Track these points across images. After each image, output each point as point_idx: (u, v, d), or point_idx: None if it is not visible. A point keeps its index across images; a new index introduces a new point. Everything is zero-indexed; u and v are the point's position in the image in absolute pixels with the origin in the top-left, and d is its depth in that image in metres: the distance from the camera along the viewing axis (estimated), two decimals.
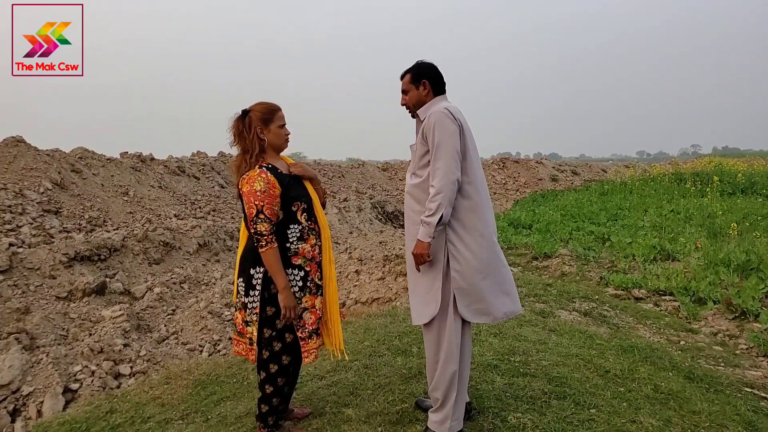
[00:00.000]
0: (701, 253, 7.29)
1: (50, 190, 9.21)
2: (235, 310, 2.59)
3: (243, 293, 2.50)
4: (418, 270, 2.46)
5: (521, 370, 3.21)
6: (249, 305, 2.47)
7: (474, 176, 2.46)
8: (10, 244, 7.50)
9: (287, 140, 2.54)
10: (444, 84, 2.61)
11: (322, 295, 2.56)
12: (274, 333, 2.47)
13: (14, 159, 9.41)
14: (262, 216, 2.30)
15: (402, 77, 2.61)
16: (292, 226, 2.44)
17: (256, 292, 2.44)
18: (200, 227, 10.42)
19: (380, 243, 14.04)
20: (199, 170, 14.30)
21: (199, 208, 12.21)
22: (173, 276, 8.63)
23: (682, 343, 4.34)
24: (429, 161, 2.41)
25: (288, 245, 2.43)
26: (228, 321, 6.90)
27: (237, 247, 11.58)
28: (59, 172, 9.83)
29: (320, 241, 2.56)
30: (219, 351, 6.18)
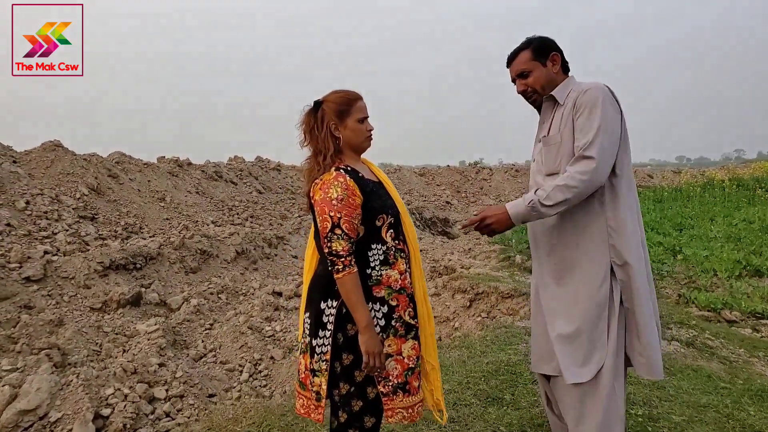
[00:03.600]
0: None
1: (86, 195, 8.94)
2: (299, 353, 2.01)
3: (310, 333, 1.92)
4: (466, 226, 2.00)
5: (650, 429, 2.56)
6: (318, 349, 1.88)
7: (631, 180, 1.92)
8: (45, 252, 7.20)
9: (369, 138, 1.98)
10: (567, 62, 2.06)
11: (413, 338, 1.95)
12: (352, 388, 1.87)
13: (51, 164, 9.18)
14: (339, 231, 1.77)
15: (513, 57, 2.07)
16: (374, 247, 1.89)
17: (328, 333, 1.87)
18: (238, 234, 10.02)
19: (421, 251, 13.52)
20: (237, 175, 13.98)
21: (237, 214, 11.84)
22: (210, 286, 8.22)
23: None
24: (579, 152, 1.86)
25: (368, 271, 1.87)
26: (269, 337, 6.41)
27: (275, 255, 11.29)
28: (96, 177, 9.57)
29: (410, 267, 1.98)
30: (260, 372, 5.68)
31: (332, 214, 1.77)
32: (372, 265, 1.88)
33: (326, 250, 1.81)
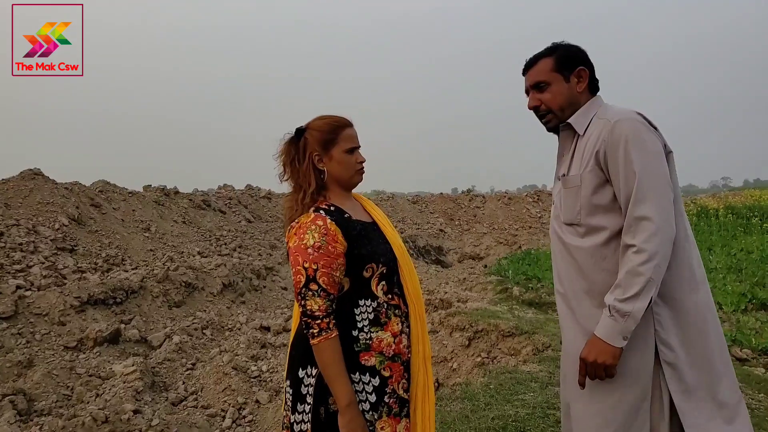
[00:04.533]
0: None
1: (66, 226, 8.59)
2: (282, 429, 1.66)
3: (290, 406, 1.59)
4: (582, 384, 1.54)
5: None
6: (296, 427, 1.56)
7: (685, 220, 1.57)
8: (18, 287, 6.83)
9: (361, 171, 1.67)
10: (597, 80, 1.71)
11: (407, 416, 1.62)
12: None
13: (30, 193, 8.85)
14: (314, 287, 1.47)
15: (531, 65, 1.71)
16: (362, 303, 1.57)
17: (307, 407, 1.53)
18: (225, 266, 9.68)
19: None
20: (225, 204, 13.68)
21: (225, 244, 11.50)
22: (194, 321, 7.83)
23: None
24: (609, 200, 1.53)
25: (355, 333, 1.55)
26: (255, 378, 6.02)
27: (264, 287, 10.90)
28: (77, 207, 9.24)
29: (408, 327, 1.65)
30: (244, 417, 5.28)
31: (307, 265, 1.47)
32: (359, 326, 1.55)
33: (300, 310, 1.50)
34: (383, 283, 1.59)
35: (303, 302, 1.47)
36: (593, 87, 1.69)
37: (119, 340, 6.81)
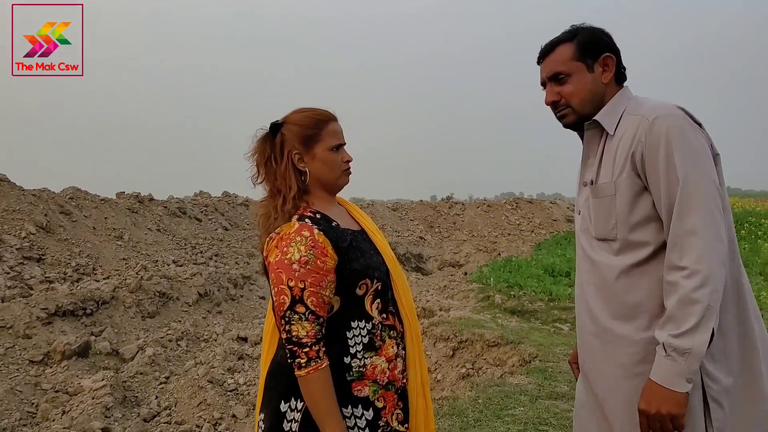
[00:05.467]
0: None
1: (33, 234, 8.24)
2: None
3: None
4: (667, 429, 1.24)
5: None
6: None
7: (733, 231, 1.34)
8: None
9: (347, 171, 1.47)
10: (624, 67, 1.46)
11: None
12: None
13: None
14: (301, 309, 1.26)
15: (548, 52, 1.46)
16: (355, 325, 1.36)
17: None
18: (201, 275, 9.40)
19: None
20: (201, 211, 13.37)
21: (201, 252, 11.21)
22: (169, 332, 7.56)
23: None
24: (649, 211, 1.31)
25: (347, 360, 1.35)
26: (231, 391, 5.80)
27: (241, 296, 10.64)
28: (46, 214, 8.88)
29: (403, 349, 1.45)
30: None
31: (292, 283, 1.26)
32: (352, 351, 1.35)
33: (284, 336, 1.28)
34: (378, 300, 1.39)
35: (288, 327, 1.26)
36: (620, 76, 1.45)
37: (89, 353, 6.52)
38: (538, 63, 1.50)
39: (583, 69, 1.41)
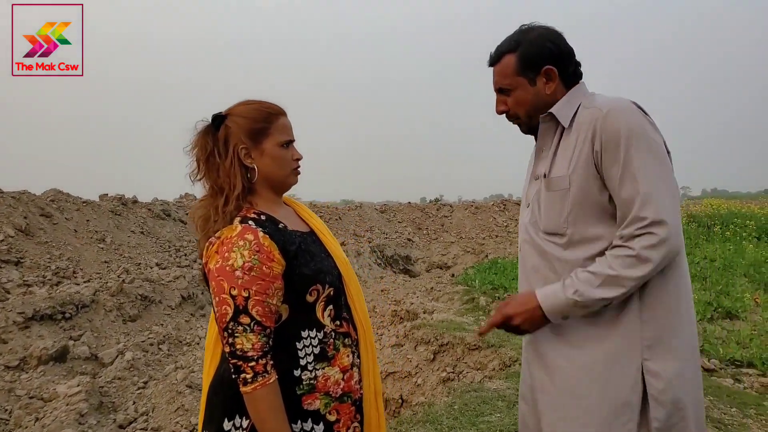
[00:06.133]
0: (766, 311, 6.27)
1: (12, 237, 8.11)
2: None
3: None
4: (483, 333, 1.38)
5: None
6: None
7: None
8: None
9: (297, 170, 1.38)
10: (578, 65, 1.44)
11: None
12: None
13: None
14: (246, 319, 1.16)
15: (495, 61, 1.44)
16: (305, 335, 1.27)
17: None
18: (184, 277, 9.32)
19: (382, 291, 12.95)
20: (186, 213, 13.25)
21: (185, 255, 11.11)
22: (150, 336, 7.47)
23: None
24: (605, 205, 1.29)
25: (297, 373, 1.25)
26: None
27: None
28: (25, 217, 8.75)
29: (359, 358, 1.37)
30: None
31: (235, 292, 1.16)
32: (302, 363, 1.26)
33: (227, 350, 1.18)
34: (330, 307, 1.30)
35: (231, 340, 1.16)
36: (572, 76, 1.42)
37: (67, 358, 6.41)
38: (492, 65, 1.47)
39: (525, 83, 1.40)
